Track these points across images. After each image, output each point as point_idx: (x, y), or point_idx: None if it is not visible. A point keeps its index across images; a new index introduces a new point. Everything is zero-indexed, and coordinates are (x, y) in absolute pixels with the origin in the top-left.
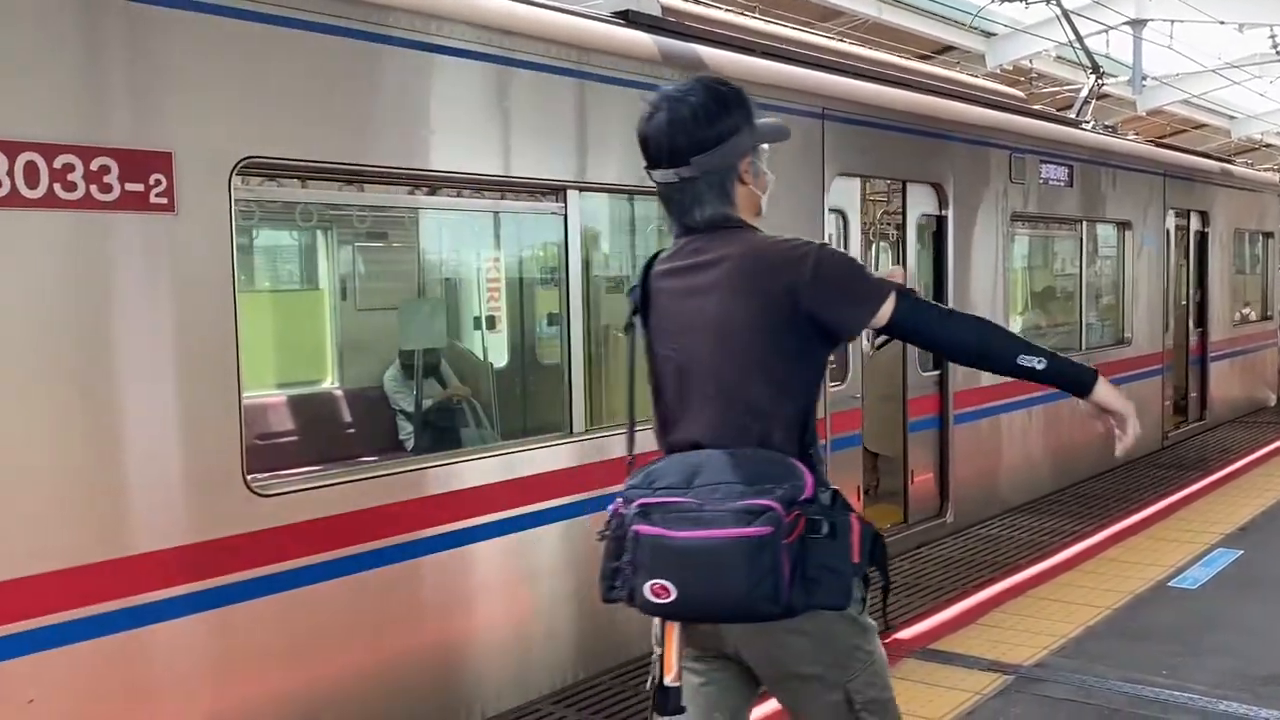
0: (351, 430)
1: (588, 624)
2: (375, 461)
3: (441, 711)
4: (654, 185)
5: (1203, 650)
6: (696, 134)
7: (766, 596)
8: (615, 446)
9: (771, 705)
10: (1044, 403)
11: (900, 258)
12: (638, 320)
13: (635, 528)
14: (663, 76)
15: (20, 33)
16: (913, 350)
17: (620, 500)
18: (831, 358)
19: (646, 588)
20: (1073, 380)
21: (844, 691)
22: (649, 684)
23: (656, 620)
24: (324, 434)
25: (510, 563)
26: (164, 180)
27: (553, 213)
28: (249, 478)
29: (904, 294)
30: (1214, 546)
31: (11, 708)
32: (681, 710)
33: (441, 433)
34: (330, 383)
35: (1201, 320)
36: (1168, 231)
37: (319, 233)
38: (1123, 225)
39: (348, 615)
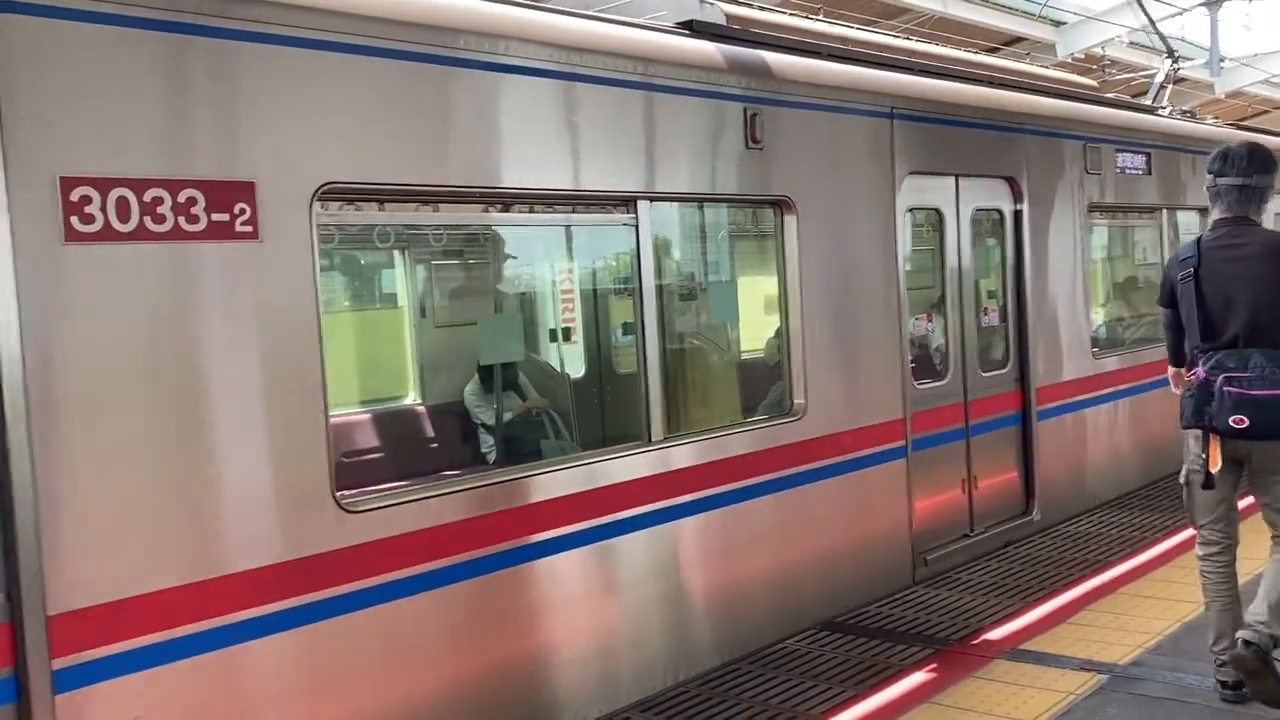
0: (435, 445)
1: (671, 632)
2: (458, 475)
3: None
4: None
5: None
6: (1266, 164)
7: None
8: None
9: None
10: (1129, 395)
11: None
12: (1193, 271)
13: (1225, 388)
14: (729, 85)
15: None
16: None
17: (1202, 372)
18: None
19: (1230, 420)
20: None
21: None
22: (1183, 476)
23: (1193, 439)
24: (409, 450)
25: (592, 572)
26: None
27: (625, 223)
28: (338, 495)
29: None
30: None
31: None
32: (1213, 486)
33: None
34: (412, 399)
35: None
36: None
37: (396, 253)
38: (1204, 211)
39: (438, 626)
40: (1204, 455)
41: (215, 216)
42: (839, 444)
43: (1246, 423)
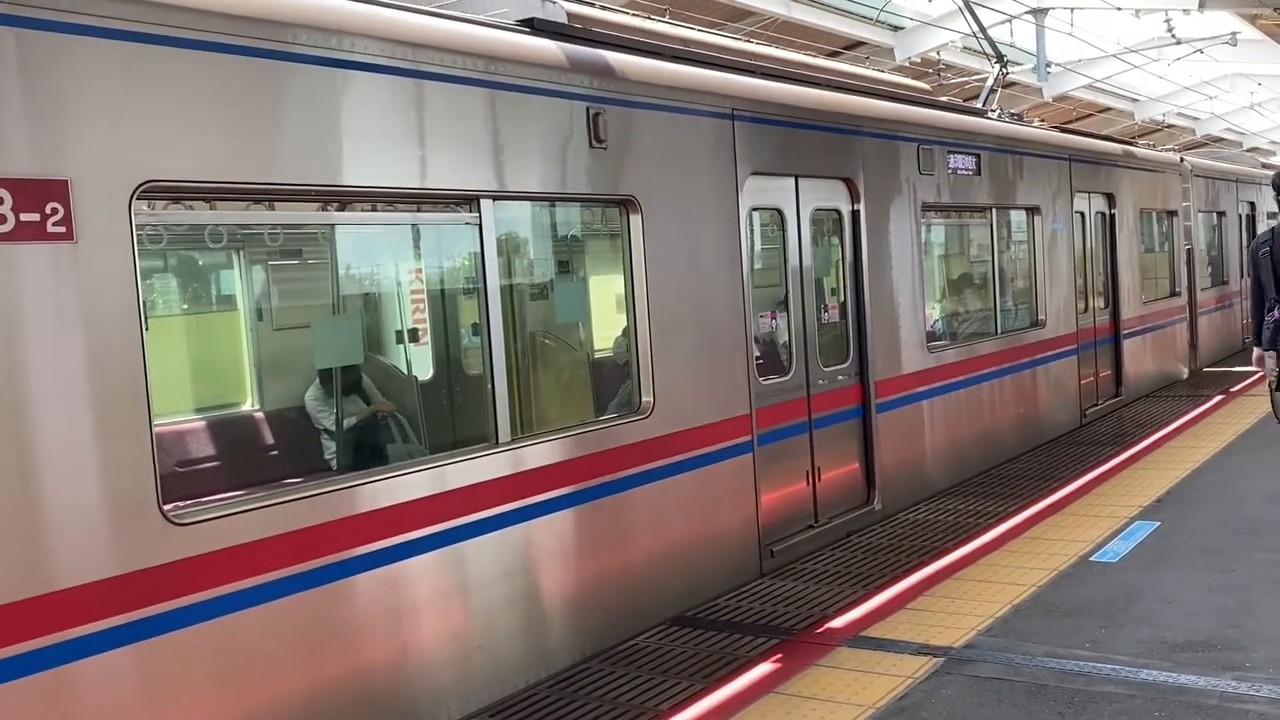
0: (275, 452)
1: (520, 634)
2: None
3: None
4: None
5: (1125, 622)
6: None
7: None
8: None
9: None
10: (965, 386)
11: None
12: (1269, 249)
13: None
14: (572, 84)
15: None
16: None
17: (1277, 313)
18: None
19: None
20: None
21: None
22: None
23: (1271, 359)
24: (249, 458)
25: (442, 576)
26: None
27: (468, 223)
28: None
29: None
30: (1133, 520)
31: None
32: None
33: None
34: (251, 405)
35: (1113, 299)
36: (1079, 214)
37: (232, 253)
38: (1031, 210)
39: (277, 640)
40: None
41: (25, 216)
42: (687, 440)
43: None
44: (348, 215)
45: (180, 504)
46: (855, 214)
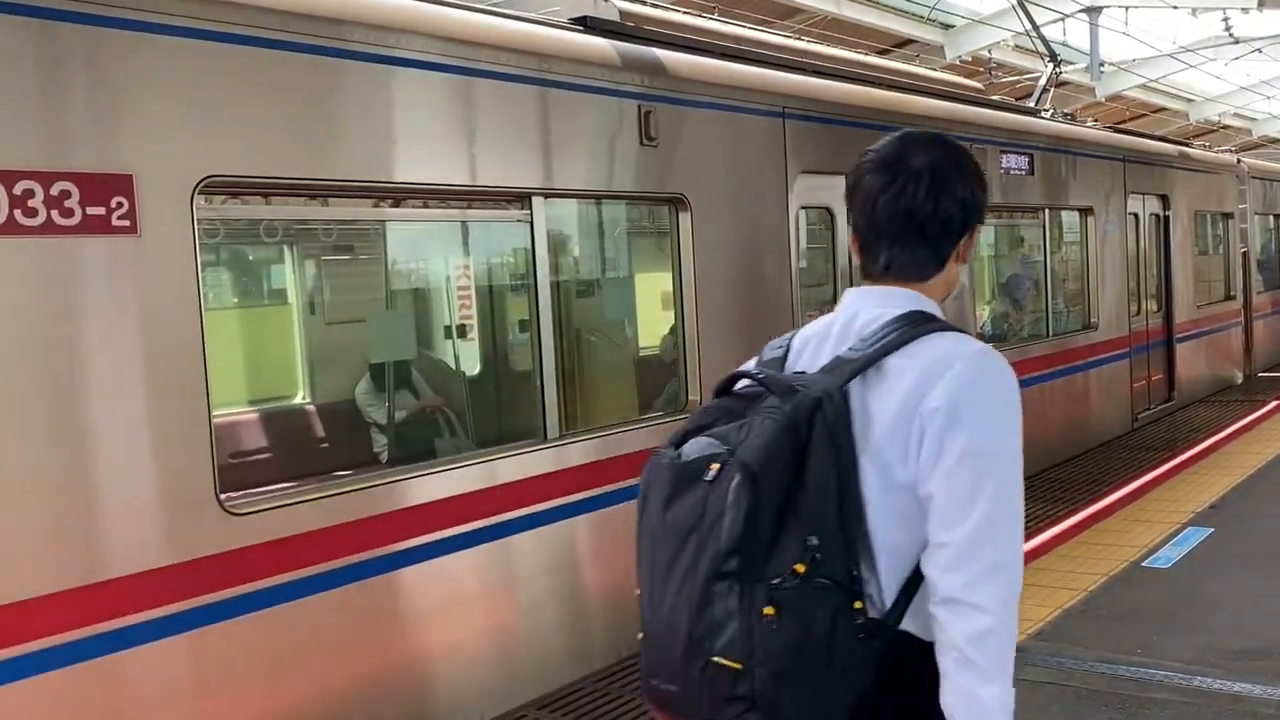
0: (326, 445)
1: (564, 630)
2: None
3: None
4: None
5: (1177, 628)
6: None
7: None
8: None
9: None
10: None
11: None
12: None
13: None
14: (624, 82)
15: None
16: None
17: None
18: None
19: None
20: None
21: None
22: None
23: None
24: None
25: (489, 570)
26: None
27: (519, 220)
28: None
29: None
30: (1185, 525)
31: None
32: None
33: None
34: (302, 398)
35: (1166, 302)
36: (1133, 215)
37: (285, 248)
38: (1085, 212)
39: (328, 629)
40: None
41: (91, 210)
42: None
43: None
44: (401, 212)
45: (235, 495)
46: None
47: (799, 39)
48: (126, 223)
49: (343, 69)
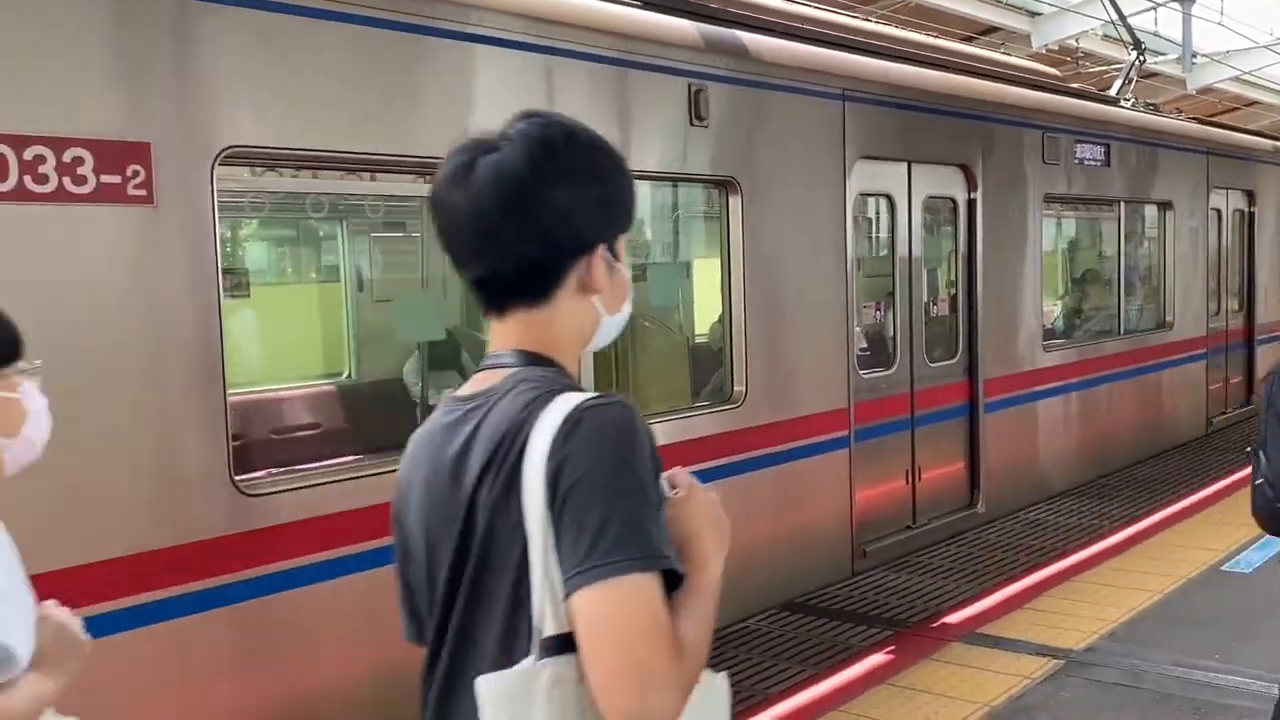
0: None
1: None
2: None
3: None
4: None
5: (1258, 634)
6: None
7: None
8: None
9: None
10: (1084, 388)
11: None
12: None
13: None
14: (673, 58)
15: None
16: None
17: None
18: None
19: None
20: None
21: None
22: None
23: None
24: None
25: None
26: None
27: None
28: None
29: None
30: None
31: None
32: None
33: None
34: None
35: (1248, 302)
36: (1215, 211)
37: (336, 224)
38: (1164, 206)
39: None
40: None
41: (105, 178)
42: (778, 433)
43: None
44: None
45: (253, 475)
46: (971, 203)
47: (867, 19)
48: (143, 193)
49: (380, 39)
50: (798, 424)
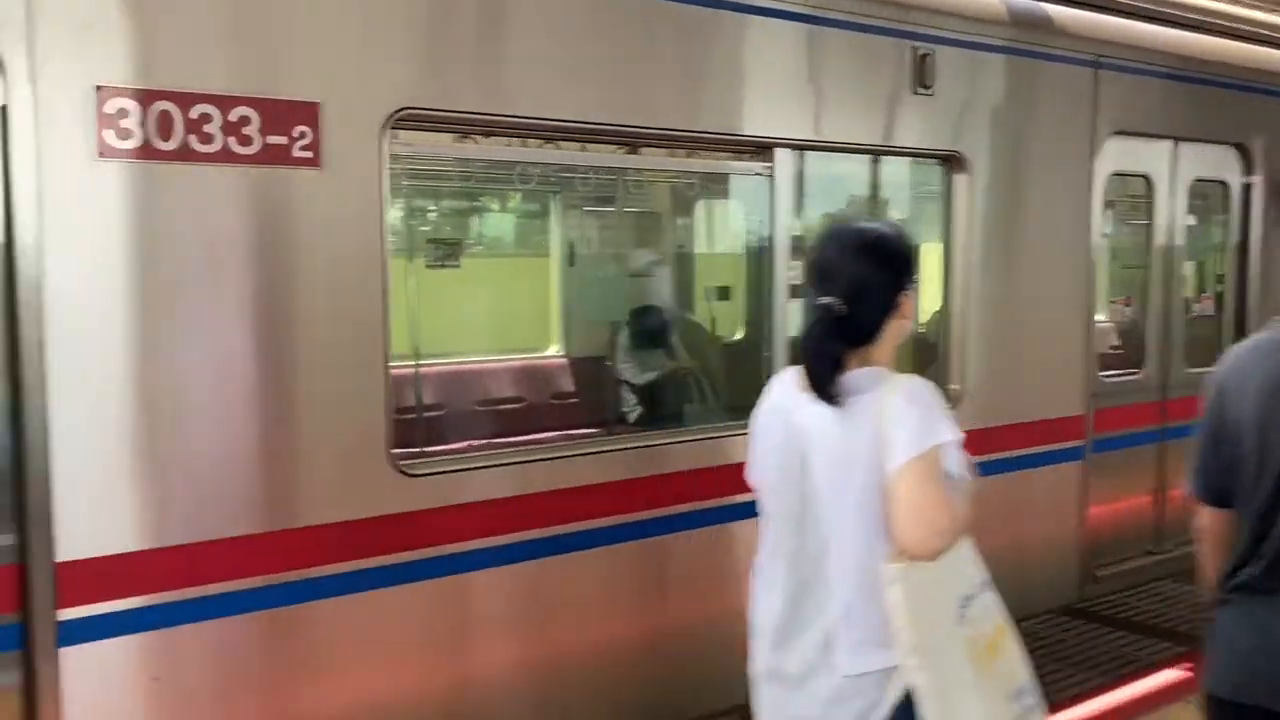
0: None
1: None
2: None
3: None
4: None
5: None
6: None
7: None
8: None
9: None
10: None
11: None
12: None
13: None
14: (895, 19)
15: None
16: None
17: None
18: None
19: None
20: None
21: None
22: None
23: None
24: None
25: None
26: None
27: (759, 173)
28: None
29: None
30: None
31: None
32: None
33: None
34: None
35: None
36: None
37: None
38: None
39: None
40: None
41: (271, 139)
42: (1000, 438)
43: None
44: (634, 159)
45: (410, 453)
46: (1247, 188)
47: None
48: (309, 154)
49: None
50: (1023, 430)
